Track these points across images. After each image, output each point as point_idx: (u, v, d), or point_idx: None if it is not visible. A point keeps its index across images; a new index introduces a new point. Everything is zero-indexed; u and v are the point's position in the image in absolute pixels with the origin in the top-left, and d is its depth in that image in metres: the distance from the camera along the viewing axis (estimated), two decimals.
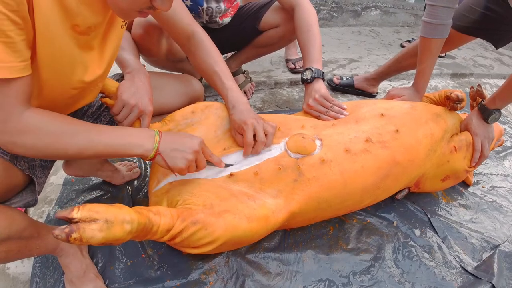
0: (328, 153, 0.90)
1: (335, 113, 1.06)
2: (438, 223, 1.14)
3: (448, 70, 2.36)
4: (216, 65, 0.98)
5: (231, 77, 1.00)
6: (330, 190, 0.90)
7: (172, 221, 0.70)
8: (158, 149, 0.73)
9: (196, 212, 0.74)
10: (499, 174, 1.42)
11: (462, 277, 0.98)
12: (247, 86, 1.79)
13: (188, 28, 0.97)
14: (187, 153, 0.75)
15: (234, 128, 0.93)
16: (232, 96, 0.96)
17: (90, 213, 0.54)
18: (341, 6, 3.11)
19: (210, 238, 0.74)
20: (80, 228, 0.52)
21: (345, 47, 2.59)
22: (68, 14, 0.61)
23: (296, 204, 0.87)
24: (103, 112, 0.96)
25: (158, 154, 0.73)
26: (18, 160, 0.70)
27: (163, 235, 0.70)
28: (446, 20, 1.15)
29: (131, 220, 0.60)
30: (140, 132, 0.73)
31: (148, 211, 0.67)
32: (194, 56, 1.01)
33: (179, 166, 0.75)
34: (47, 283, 0.88)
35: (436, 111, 1.13)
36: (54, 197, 1.16)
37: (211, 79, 1.00)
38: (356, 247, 1.03)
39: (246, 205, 0.80)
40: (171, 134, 0.78)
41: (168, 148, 0.74)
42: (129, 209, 0.62)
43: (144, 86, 0.91)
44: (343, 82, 1.94)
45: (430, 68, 1.28)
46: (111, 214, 0.57)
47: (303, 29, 1.22)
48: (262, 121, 0.92)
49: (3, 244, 0.65)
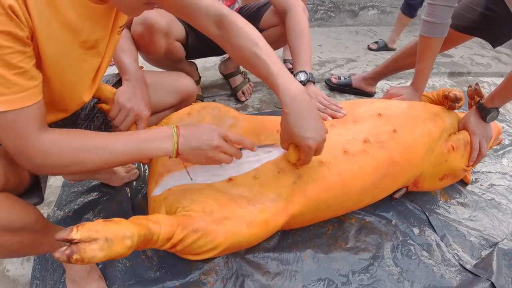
0: (326, 154, 0.90)
1: (333, 111, 1.06)
2: (437, 221, 1.14)
3: (445, 69, 2.37)
4: (256, 47, 0.78)
5: (277, 59, 0.79)
6: (329, 191, 0.90)
7: (172, 229, 0.69)
8: (178, 149, 0.71)
9: (196, 219, 0.74)
10: (497, 172, 1.42)
11: (461, 275, 0.99)
12: (245, 87, 1.79)
13: (212, 11, 0.80)
14: (207, 151, 0.73)
15: None
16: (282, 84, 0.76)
17: (89, 233, 0.54)
18: (338, 6, 3.12)
19: (211, 246, 0.74)
20: (81, 250, 0.52)
21: (342, 47, 2.60)
22: (74, 33, 0.62)
23: (295, 207, 0.87)
24: (96, 114, 0.96)
25: (180, 155, 0.72)
26: None
27: (163, 243, 0.69)
28: (445, 19, 1.16)
29: (131, 235, 0.59)
30: (158, 133, 0.72)
31: (147, 221, 0.66)
32: (229, 44, 0.82)
33: (204, 163, 0.75)
34: (46, 285, 0.88)
35: (434, 111, 1.13)
36: (53, 199, 1.16)
37: (254, 67, 0.80)
38: (355, 246, 1.03)
39: (246, 210, 0.80)
40: (190, 129, 0.74)
41: (188, 146, 0.72)
42: (129, 223, 0.61)
43: (141, 92, 0.91)
44: (341, 82, 1.94)
45: (429, 67, 1.29)
46: (111, 232, 0.56)
47: (295, 33, 1.23)
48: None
49: (17, 235, 0.65)
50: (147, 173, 1.25)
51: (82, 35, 0.64)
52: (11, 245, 0.64)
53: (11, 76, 0.53)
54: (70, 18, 0.59)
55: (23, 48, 0.54)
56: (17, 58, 0.53)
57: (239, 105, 1.78)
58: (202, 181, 0.86)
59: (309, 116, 0.76)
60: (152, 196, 0.87)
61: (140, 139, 0.70)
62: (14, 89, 0.54)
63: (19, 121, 0.57)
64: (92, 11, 0.63)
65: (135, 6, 0.63)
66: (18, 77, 0.54)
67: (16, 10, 0.50)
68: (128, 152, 0.68)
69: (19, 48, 0.53)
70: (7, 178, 0.64)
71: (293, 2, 1.28)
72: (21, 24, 0.51)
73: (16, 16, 0.50)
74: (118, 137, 0.69)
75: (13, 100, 0.55)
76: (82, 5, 0.61)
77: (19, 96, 0.55)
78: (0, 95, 0.53)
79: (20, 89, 0.55)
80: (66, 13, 0.58)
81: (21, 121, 0.57)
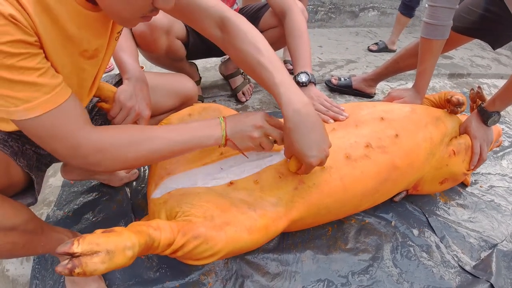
0: (328, 159, 0.90)
1: (335, 114, 1.06)
2: (436, 222, 1.14)
3: (445, 70, 2.37)
4: (259, 53, 0.74)
5: (282, 67, 0.76)
6: (330, 196, 0.89)
7: (172, 235, 0.69)
8: (227, 135, 0.73)
9: (196, 225, 0.74)
10: (497, 174, 1.42)
11: (461, 276, 0.99)
12: (245, 88, 1.79)
13: (214, 13, 0.77)
14: (252, 131, 0.74)
15: None
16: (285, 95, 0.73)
17: (90, 246, 0.53)
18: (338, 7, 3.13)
19: (211, 252, 0.74)
20: (83, 263, 0.52)
21: (343, 48, 2.60)
22: (74, 43, 0.62)
23: (296, 212, 0.87)
24: (95, 115, 0.96)
25: (228, 140, 0.74)
26: (17, 156, 0.70)
27: (164, 249, 0.69)
28: (446, 21, 1.16)
29: (132, 246, 0.59)
30: (206, 123, 0.74)
31: (148, 227, 0.66)
32: (232, 48, 0.78)
33: (249, 146, 0.76)
34: (46, 285, 0.88)
35: (436, 115, 1.13)
36: (53, 199, 1.16)
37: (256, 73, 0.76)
38: (355, 247, 1.04)
39: (246, 216, 0.80)
40: (234, 117, 0.76)
41: (234, 131, 0.74)
42: (129, 232, 0.60)
43: (142, 91, 0.91)
44: (341, 83, 1.94)
45: (430, 69, 1.29)
46: (112, 244, 0.56)
47: (294, 35, 1.23)
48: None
49: (9, 235, 0.64)
50: (147, 173, 1.25)
51: (82, 45, 0.63)
52: (3, 245, 0.63)
53: (36, 79, 0.52)
54: (69, 29, 0.58)
55: (37, 50, 0.53)
56: (36, 61, 0.52)
57: (239, 105, 1.79)
58: (202, 184, 0.85)
59: (313, 131, 0.73)
60: (152, 198, 0.87)
61: (191, 127, 0.71)
62: (44, 90, 0.54)
63: (60, 120, 0.57)
64: (89, 19, 0.62)
65: (130, 19, 0.62)
66: (43, 77, 0.54)
67: (18, 18, 0.49)
68: (182, 141, 0.69)
69: (34, 51, 0.52)
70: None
71: (291, 4, 1.28)
72: (27, 30, 0.51)
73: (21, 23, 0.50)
74: (169, 127, 0.71)
75: (47, 101, 0.54)
76: (78, 14, 0.59)
77: (50, 96, 0.55)
78: (33, 99, 0.53)
79: (49, 88, 0.54)
80: (65, 24, 0.57)
81: (62, 119, 0.57)
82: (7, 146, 0.69)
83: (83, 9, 0.59)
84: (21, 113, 0.53)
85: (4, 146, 0.68)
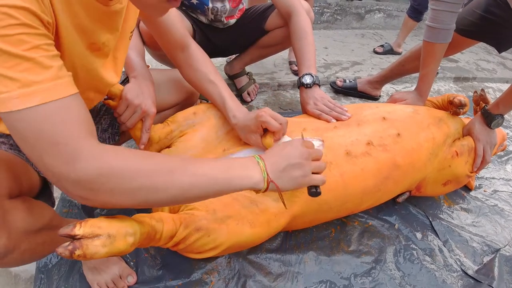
0: (328, 154, 0.91)
1: (338, 114, 1.06)
2: (440, 226, 1.14)
3: (451, 74, 2.36)
4: (210, 74, 0.95)
5: (227, 88, 0.97)
6: (331, 192, 0.90)
7: (174, 227, 0.70)
8: (269, 176, 0.62)
9: (198, 218, 0.74)
10: (501, 179, 1.42)
11: (463, 281, 0.99)
12: (250, 88, 1.79)
13: (183, 39, 0.93)
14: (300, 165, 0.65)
15: (251, 130, 0.89)
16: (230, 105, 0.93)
17: (92, 229, 0.54)
18: (344, 9, 3.12)
19: (213, 244, 0.74)
20: (83, 245, 0.52)
21: (348, 50, 2.60)
22: (85, 34, 0.61)
23: (297, 207, 0.88)
24: (103, 115, 0.97)
25: (271, 182, 0.62)
26: None
27: (166, 241, 0.70)
28: (449, 24, 1.16)
29: (134, 232, 0.59)
30: (239, 160, 0.63)
31: (150, 219, 0.67)
32: (187, 67, 0.96)
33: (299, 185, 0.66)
34: (52, 280, 0.89)
35: (439, 116, 1.13)
36: (57, 195, 1.16)
37: (206, 89, 0.96)
38: (358, 249, 1.04)
39: (248, 210, 0.81)
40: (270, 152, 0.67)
41: (277, 169, 0.63)
42: (132, 220, 0.61)
43: (148, 89, 0.92)
44: (346, 85, 1.94)
45: (433, 72, 1.29)
46: (113, 228, 0.56)
47: (299, 36, 1.24)
48: None
49: (39, 236, 0.64)
50: None
51: (91, 37, 0.63)
52: (35, 247, 0.63)
53: (40, 58, 0.43)
54: (81, 19, 0.58)
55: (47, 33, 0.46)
56: (44, 41, 0.44)
57: (244, 105, 1.78)
58: None
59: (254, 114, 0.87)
60: None
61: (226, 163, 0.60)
62: (47, 75, 0.43)
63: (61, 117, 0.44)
64: (99, 12, 0.62)
65: (157, 4, 0.55)
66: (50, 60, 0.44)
67: None
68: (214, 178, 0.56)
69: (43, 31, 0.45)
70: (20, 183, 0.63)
71: (297, 5, 1.29)
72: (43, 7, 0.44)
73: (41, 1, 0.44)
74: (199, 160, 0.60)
75: (48, 89, 0.43)
76: (91, 6, 0.60)
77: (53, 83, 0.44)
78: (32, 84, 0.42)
79: (55, 75, 0.44)
80: (78, 13, 0.57)
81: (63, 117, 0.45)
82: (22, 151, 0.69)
83: (95, 1, 0.60)
84: (15, 100, 0.41)
85: (19, 151, 0.68)
